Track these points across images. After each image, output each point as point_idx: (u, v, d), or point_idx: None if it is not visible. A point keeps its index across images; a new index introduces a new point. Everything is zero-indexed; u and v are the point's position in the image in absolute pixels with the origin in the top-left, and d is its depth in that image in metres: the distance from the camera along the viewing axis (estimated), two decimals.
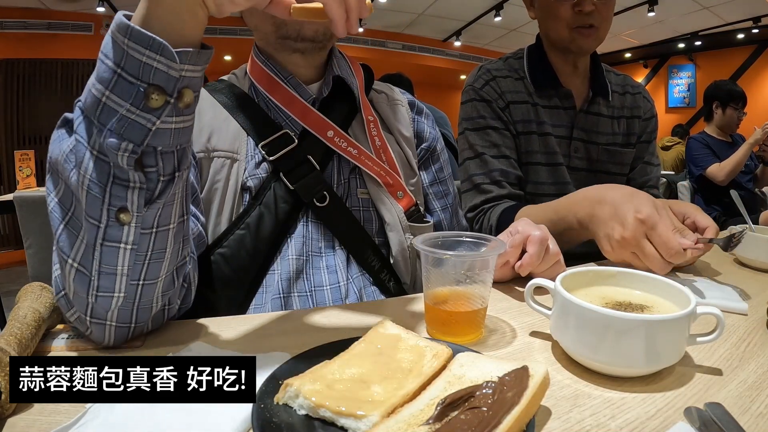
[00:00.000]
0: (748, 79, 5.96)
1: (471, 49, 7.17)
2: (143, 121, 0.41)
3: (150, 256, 0.47)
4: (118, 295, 0.46)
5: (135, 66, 0.40)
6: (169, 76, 0.41)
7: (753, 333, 0.53)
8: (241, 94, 0.75)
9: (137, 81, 0.40)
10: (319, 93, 0.76)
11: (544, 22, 1.09)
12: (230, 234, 0.68)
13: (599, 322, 0.42)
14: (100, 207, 0.42)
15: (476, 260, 0.50)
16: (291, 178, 0.70)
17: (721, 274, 0.77)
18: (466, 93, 1.12)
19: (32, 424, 0.36)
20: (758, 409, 0.38)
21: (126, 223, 0.43)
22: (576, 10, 1.00)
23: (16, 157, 2.46)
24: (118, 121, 0.41)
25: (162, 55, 0.40)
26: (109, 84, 0.40)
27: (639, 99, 1.19)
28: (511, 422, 0.31)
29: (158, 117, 0.41)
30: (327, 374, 0.38)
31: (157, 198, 0.44)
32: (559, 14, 1.02)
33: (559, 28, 1.04)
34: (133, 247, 0.44)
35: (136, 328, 0.50)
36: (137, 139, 0.41)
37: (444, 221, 0.87)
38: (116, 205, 0.42)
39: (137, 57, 0.40)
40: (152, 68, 0.40)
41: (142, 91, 0.40)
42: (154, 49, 0.40)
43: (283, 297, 0.68)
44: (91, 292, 0.45)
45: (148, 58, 0.40)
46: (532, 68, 1.12)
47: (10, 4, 4.49)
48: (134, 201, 0.43)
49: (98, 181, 0.42)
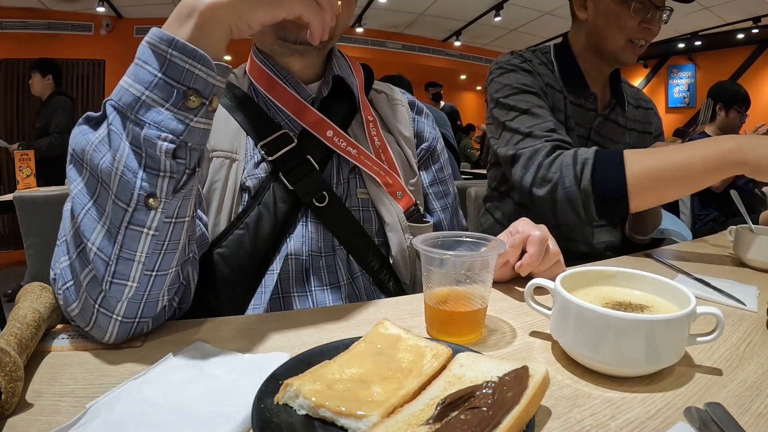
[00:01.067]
0: (748, 79, 5.96)
1: (471, 49, 7.18)
2: (182, 117, 0.47)
3: (167, 246, 0.50)
4: (132, 284, 0.48)
5: (177, 72, 0.47)
6: (207, 83, 0.48)
7: (753, 333, 0.53)
8: (240, 94, 0.75)
9: (178, 84, 0.47)
10: (318, 92, 0.76)
11: (602, 29, 1.05)
12: (229, 234, 0.68)
13: (599, 322, 0.42)
14: (132, 191, 0.46)
15: (476, 260, 0.50)
16: (290, 178, 0.70)
17: (722, 275, 0.77)
18: (501, 67, 1.08)
19: (32, 424, 0.36)
20: (758, 409, 0.38)
21: (153, 207, 0.47)
22: (642, 26, 1.00)
23: (16, 157, 2.46)
24: (158, 115, 0.46)
25: (203, 65, 0.47)
26: (150, 85, 0.46)
27: (651, 115, 1.20)
28: (511, 422, 0.31)
29: (195, 115, 0.48)
30: (327, 374, 0.38)
31: (181, 188, 0.49)
32: (626, 25, 1.01)
33: (619, 38, 1.02)
34: (155, 234, 0.48)
35: (139, 324, 0.50)
36: (176, 132, 0.47)
37: (444, 221, 0.87)
38: (146, 190, 0.46)
39: (180, 64, 0.46)
40: (194, 75, 0.47)
41: (182, 93, 0.47)
42: (197, 60, 0.47)
43: (282, 297, 0.68)
44: (107, 278, 0.47)
45: (191, 66, 0.47)
46: (562, 66, 1.10)
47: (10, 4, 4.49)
48: (163, 188, 0.47)
49: (131, 168, 0.46)
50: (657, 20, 1.01)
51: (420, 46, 6.81)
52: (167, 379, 0.41)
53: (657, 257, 0.86)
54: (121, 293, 0.48)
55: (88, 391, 0.40)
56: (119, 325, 0.49)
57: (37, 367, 0.44)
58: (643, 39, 1.03)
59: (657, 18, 1.01)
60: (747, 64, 6.19)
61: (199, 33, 0.48)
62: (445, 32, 6.60)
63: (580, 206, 0.86)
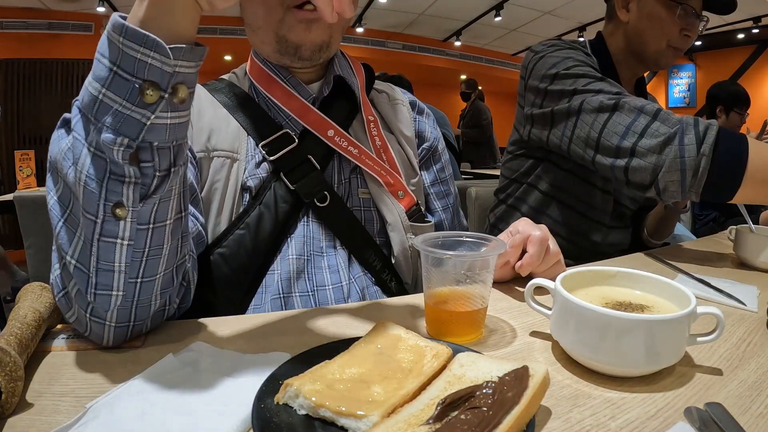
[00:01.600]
0: (748, 79, 5.96)
1: (471, 49, 7.17)
2: (138, 116, 0.42)
3: (147, 252, 0.47)
4: (117, 293, 0.46)
5: (130, 63, 0.41)
6: (163, 72, 0.42)
7: (753, 333, 0.53)
8: (241, 94, 0.75)
9: (132, 78, 0.41)
10: (319, 92, 0.76)
11: (644, 32, 1.04)
12: (230, 234, 0.68)
13: (599, 322, 0.42)
14: (97, 202, 0.43)
15: (476, 260, 0.50)
16: (291, 178, 0.70)
17: (722, 275, 0.77)
18: (554, 45, 1.04)
19: (32, 424, 0.36)
20: (758, 409, 0.38)
21: (122, 218, 0.44)
22: (683, 33, 1.01)
23: (16, 157, 2.46)
24: (114, 117, 0.42)
25: (156, 52, 0.41)
26: (106, 81, 0.41)
27: None
28: (511, 422, 0.31)
29: (153, 112, 0.42)
30: (327, 374, 0.38)
31: (152, 193, 0.45)
32: (669, 31, 1.01)
33: (661, 41, 1.02)
34: (130, 243, 0.45)
35: (135, 326, 0.50)
36: (133, 134, 0.42)
37: (445, 221, 0.87)
38: (112, 200, 0.43)
39: (132, 54, 0.41)
40: (146, 64, 0.41)
41: (137, 87, 0.41)
42: (149, 46, 0.41)
43: (283, 297, 0.68)
44: (90, 290, 0.45)
45: (143, 55, 0.41)
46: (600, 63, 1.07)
47: (10, 4, 4.49)
48: (129, 196, 0.43)
49: (95, 177, 0.43)
50: (696, 29, 1.02)
51: (420, 46, 6.81)
52: (167, 379, 0.41)
53: (657, 257, 0.86)
54: (107, 303, 0.46)
55: (88, 391, 0.40)
56: (114, 330, 0.48)
57: (37, 367, 0.44)
58: (684, 46, 1.03)
59: (696, 27, 1.02)
60: (747, 64, 6.19)
61: (156, 11, 0.42)
62: (445, 32, 6.60)
63: (691, 170, 0.77)
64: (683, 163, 0.77)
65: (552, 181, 1.09)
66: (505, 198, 1.19)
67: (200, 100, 0.73)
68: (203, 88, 0.76)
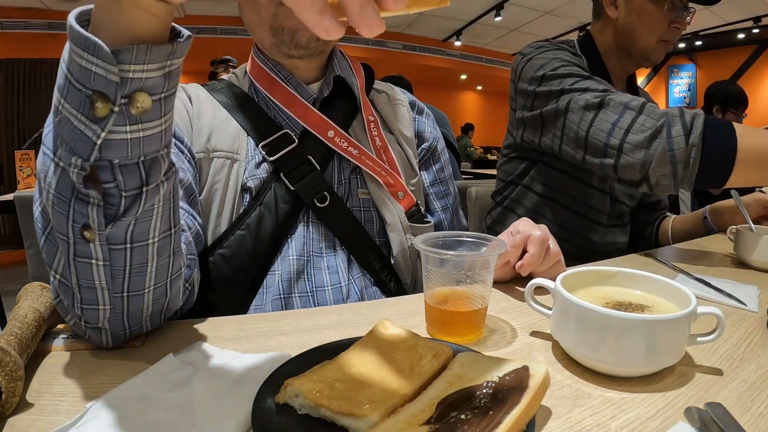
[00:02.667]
0: (748, 79, 5.96)
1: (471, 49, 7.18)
2: (89, 133, 0.37)
3: (129, 270, 0.44)
4: (103, 307, 0.45)
5: (78, 70, 0.36)
6: (109, 81, 0.35)
7: (753, 333, 0.53)
8: (240, 94, 0.75)
9: (83, 87, 0.36)
10: (319, 93, 0.76)
11: (633, 27, 1.04)
12: (230, 234, 0.68)
13: (599, 322, 0.42)
14: (66, 223, 0.40)
15: (476, 260, 0.50)
16: (291, 179, 0.70)
17: (722, 275, 0.76)
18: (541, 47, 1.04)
19: (32, 424, 0.36)
20: (758, 409, 0.38)
21: (91, 240, 0.40)
22: (672, 26, 1.01)
23: (16, 157, 2.46)
24: (70, 133, 0.37)
25: (98, 57, 0.35)
26: (63, 90, 0.37)
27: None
28: (511, 422, 0.31)
29: (103, 128, 0.36)
30: (327, 374, 0.38)
31: (122, 215, 0.40)
32: (660, 26, 1.01)
33: (651, 37, 1.03)
34: (105, 264, 0.42)
35: (132, 331, 0.49)
36: (84, 154, 0.37)
37: (444, 221, 0.87)
38: (79, 221, 0.39)
39: (77, 60, 0.35)
40: (91, 72, 0.35)
41: (88, 99, 0.36)
42: (90, 51, 0.35)
43: (284, 297, 0.68)
44: (77, 305, 0.44)
45: (87, 62, 0.35)
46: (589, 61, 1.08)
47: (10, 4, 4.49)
48: (95, 218, 0.39)
49: (62, 196, 0.39)
50: (684, 21, 1.02)
51: (420, 46, 6.82)
52: (167, 379, 0.41)
53: (657, 257, 0.86)
54: (95, 316, 0.45)
55: (88, 391, 0.40)
56: (111, 335, 0.48)
57: (37, 367, 0.44)
58: (673, 39, 1.03)
59: (684, 18, 1.02)
60: (747, 63, 6.19)
61: (100, 2, 0.36)
62: (445, 32, 6.61)
63: (681, 162, 0.76)
64: (673, 156, 0.77)
65: (547, 182, 1.09)
66: (501, 200, 1.20)
67: (200, 101, 0.73)
68: (203, 89, 0.76)
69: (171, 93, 0.40)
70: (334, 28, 0.28)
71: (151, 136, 0.40)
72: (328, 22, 0.28)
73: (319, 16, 0.28)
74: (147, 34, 0.37)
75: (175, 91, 0.40)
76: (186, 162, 0.65)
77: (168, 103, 0.40)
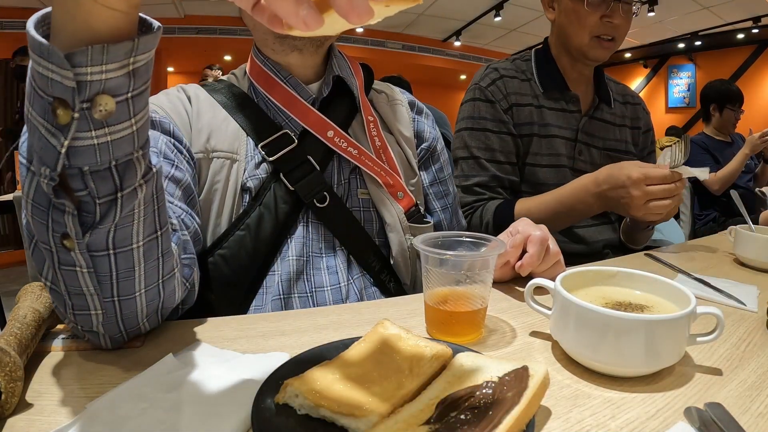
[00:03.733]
0: (748, 79, 5.96)
1: (471, 49, 7.18)
2: (54, 142, 0.35)
3: (116, 276, 0.43)
4: (95, 312, 0.44)
5: (38, 77, 0.34)
6: (65, 87, 0.34)
7: (753, 333, 0.53)
8: (240, 94, 0.75)
9: (44, 95, 0.34)
10: (318, 93, 0.76)
11: (565, 27, 1.07)
12: (230, 235, 0.68)
13: (599, 322, 0.42)
14: (46, 233, 0.39)
15: (476, 260, 0.50)
16: (291, 179, 0.70)
17: (722, 275, 0.76)
18: (471, 91, 1.12)
19: (32, 424, 0.36)
20: (758, 409, 0.38)
21: (71, 249, 0.39)
22: (604, 20, 1.01)
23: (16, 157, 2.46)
24: (38, 142, 0.36)
25: (52, 62, 0.33)
26: (30, 99, 0.36)
27: (639, 110, 1.21)
28: (511, 422, 0.31)
29: (66, 136, 0.35)
30: (327, 374, 0.38)
31: (99, 223, 0.39)
32: (587, 22, 1.02)
33: (582, 35, 1.03)
34: (90, 270, 0.41)
35: (129, 333, 0.49)
36: (51, 163, 0.36)
37: (444, 221, 0.87)
38: (58, 231, 0.39)
39: (36, 67, 0.34)
40: (48, 79, 0.34)
41: (50, 106, 0.34)
42: (45, 56, 0.33)
43: (284, 298, 0.68)
44: (69, 311, 0.44)
45: (44, 68, 0.33)
46: (540, 71, 1.12)
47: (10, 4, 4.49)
48: (72, 228, 0.38)
49: (40, 205, 0.38)
50: (620, 13, 1.01)
51: (420, 46, 6.81)
52: (167, 380, 0.41)
53: (657, 257, 0.86)
54: (89, 321, 0.44)
55: (88, 391, 0.40)
56: (109, 338, 0.47)
57: (37, 367, 0.44)
58: (609, 34, 1.02)
59: (620, 11, 1.00)
60: (747, 64, 6.19)
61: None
62: (445, 32, 6.60)
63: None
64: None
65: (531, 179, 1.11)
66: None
67: (199, 101, 0.73)
68: (202, 89, 0.76)
69: (140, 92, 0.38)
70: (312, 18, 0.26)
71: (120, 139, 0.38)
72: (305, 12, 0.26)
73: (296, 6, 0.26)
74: (107, 30, 0.34)
75: (145, 88, 0.38)
76: (184, 162, 0.65)
77: (138, 102, 0.38)
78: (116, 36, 0.35)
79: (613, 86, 1.20)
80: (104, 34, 0.34)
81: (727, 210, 2.47)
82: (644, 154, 1.21)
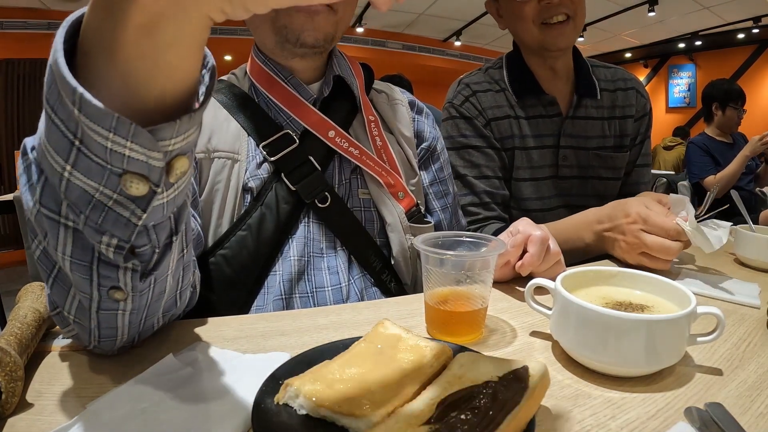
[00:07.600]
0: (748, 79, 5.96)
1: (471, 49, 7.17)
2: (126, 213, 0.32)
3: (150, 302, 0.43)
4: (121, 337, 0.44)
5: (98, 148, 0.30)
6: (150, 166, 0.31)
7: (753, 333, 0.53)
8: (241, 94, 0.75)
9: (107, 164, 0.30)
10: (319, 93, 0.76)
11: (513, 27, 1.05)
12: (231, 235, 0.68)
13: (599, 322, 0.42)
14: (89, 286, 0.36)
15: (476, 260, 0.50)
16: (292, 179, 0.70)
17: (722, 275, 0.76)
18: (446, 110, 1.09)
19: (32, 424, 0.36)
20: (758, 409, 0.38)
21: (121, 299, 0.39)
22: (543, 4, 0.96)
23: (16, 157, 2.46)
24: (92, 207, 0.32)
25: (136, 143, 0.29)
26: (69, 158, 0.30)
27: (631, 95, 1.12)
28: (511, 422, 0.31)
29: (143, 209, 0.33)
30: (327, 374, 0.38)
31: (153, 269, 0.38)
32: (526, 14, 0.98)
33: (528, 27, 1.00)
34: (133, 311, 0.41)
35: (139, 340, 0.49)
36: (123, 234, 0.34)
37: (444, 221, 0.87)
38: (106, 285, 0.37)
39: (99, 141, 0.29)
40: (124, 156, 0.30)
41: (117, 176, 0.31)
42: (122, 134, 0.29)
43: (285, 298, 0.68)
44: (92, 340, 0.43)
45: (116, 144, 0.29)
46: (512, 77, 1.08)
47: (10, 4, 4.49)
48: (128, 282, 0.37)
49: (80, 260, 0.35)
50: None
51: (420, 46, 6.81)
52: (167, 379, 0.41)
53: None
54: (111, 345, 0.44)
55: (88, 391, 0.40)
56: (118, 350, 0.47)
57: (37, 367, 0.44)
58: (554, 15, 0.97)
59: None
60: (747, 63, 6.19)
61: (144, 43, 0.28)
62: (445, 32, 6.60)
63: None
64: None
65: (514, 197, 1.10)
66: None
67: None
68: None
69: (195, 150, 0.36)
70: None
71: (183, 189, 0.37)
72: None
73: None
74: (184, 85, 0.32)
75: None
76: None
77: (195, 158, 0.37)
78: (187, 93, 0.33)
79: (602, 73, 1.12)
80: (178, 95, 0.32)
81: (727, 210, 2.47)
82: (636, 143, 1.12)
